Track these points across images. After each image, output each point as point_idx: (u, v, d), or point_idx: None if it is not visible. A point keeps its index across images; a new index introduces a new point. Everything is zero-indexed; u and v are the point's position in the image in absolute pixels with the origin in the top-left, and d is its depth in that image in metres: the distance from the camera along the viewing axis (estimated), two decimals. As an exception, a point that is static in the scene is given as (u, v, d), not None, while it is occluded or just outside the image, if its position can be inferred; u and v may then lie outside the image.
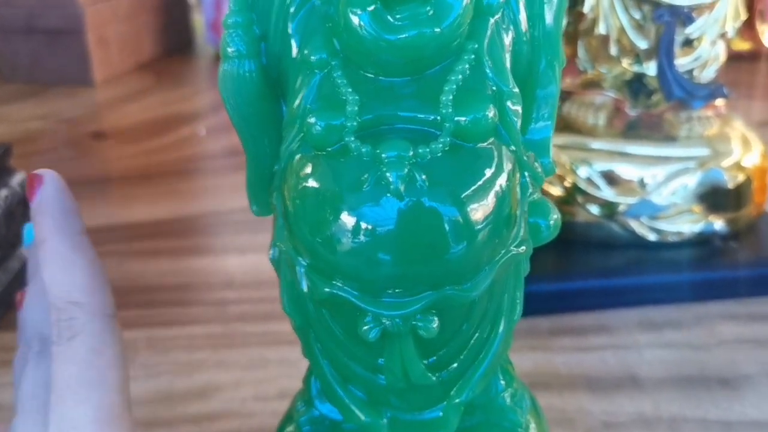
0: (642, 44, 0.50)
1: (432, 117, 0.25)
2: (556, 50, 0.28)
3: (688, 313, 0.48)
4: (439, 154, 0.24)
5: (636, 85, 0.53)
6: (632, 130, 0.52)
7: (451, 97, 0.24)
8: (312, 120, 0.25)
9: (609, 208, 0.50)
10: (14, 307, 0.50)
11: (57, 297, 0.26)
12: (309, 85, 0.26)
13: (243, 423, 0.40)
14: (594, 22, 0.50)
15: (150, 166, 0.75)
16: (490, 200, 0.24)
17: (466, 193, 0.24)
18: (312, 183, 0.25)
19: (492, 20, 0.26)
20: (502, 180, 0.25)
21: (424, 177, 0.23)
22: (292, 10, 0.27)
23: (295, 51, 0.27)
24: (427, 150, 0.24)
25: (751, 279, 0.50)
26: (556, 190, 0.51)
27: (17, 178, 0.56)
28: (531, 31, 0.28)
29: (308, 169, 0.25)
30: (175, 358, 0.45)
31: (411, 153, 0.24)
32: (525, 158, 0.27)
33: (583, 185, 0.50)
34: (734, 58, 0.57)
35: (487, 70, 0.26)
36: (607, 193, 0.50)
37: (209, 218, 0.64)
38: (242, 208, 0.66)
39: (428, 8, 0.24)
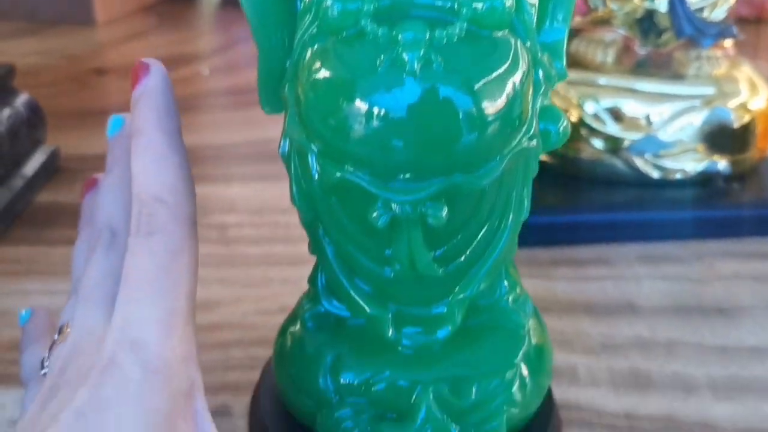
0: (654, -21, 0.49)
1: (449, 4, 0.24)
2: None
3: (688, 250, 0.48)
4: (456, 40, 0.24)
5: (646, 23, 0.52)
6: (641, 68, 0.52)
7: (469, -17, 0.24)
8: (328, 3, 0.25)
9: (613, 142, 0.50)
10: (17, 223, 0.50)
11: (144, 190, 0.25)
12: (325, -30, 0.26)
13: (244, 334, 0.40)
14: (607, -45, 0.50)
15: (152, 101, 0.75)
16: (504, 91, 0.24)
17: (481, 82, 0.24)
18: (326, 69, 0.25)
19: None
20: (516, 72, 0.25)
21: (440, 60, 0.23)
22: None
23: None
24: (444, 33, 0.24)
25: (752, 219, 0.50)
26: (562, 125, 0.51)
27: (21, 99, 0.56)
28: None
29: (323, 56, 0.25)
30: (178, 274, 0.45)
31: (427, 36, 0.24)
32: (540, 56, 0.27)
33: (589, 120, 0.50)
34: (739, 21, 0.56)
35: (506, -39, 0.25)
36: (613, 128, 0.50)
37: (212, 150, 0.64)
38: (246, 142, 0.66)
39: None
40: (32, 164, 0.55)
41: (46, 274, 0.46)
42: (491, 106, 0.24)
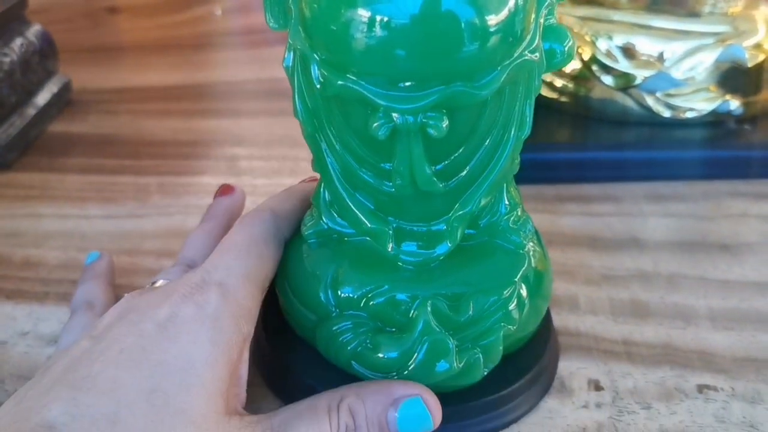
0: None
1: None
2: None
3: (696, 189, 0.48)
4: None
5: (663, -40, 0.51)
6: (656, 5, 0.51)
7: None
8: None
9: (625, 80, 0.49)
10: (31, 151, 0.51)
11: (261, 205, 0.31)
12: None
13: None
14: None
15: (164, 39, 0.75)
16: (506, 1, 0.24)
17: (482, -9, 0.24)
18: (329, -26, 0.24)
19: None
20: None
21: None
22: None
23: None
24: (448, -60, 0.23)
25: (762, 160, 0.49)
26: (575, 63, 0.51)
27: (33, 29, 0.56)
28: None
29: (326, -38, 0.25)
30: (187, 202, 0.46)
31: (431, -58, 0.23)
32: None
33: (601, 57, 0.50)
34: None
35: None
36: (625, 65, 0.49)
37: (222, 86, 0.64)
38: (256, 79, 0.66)
39: None
40: (44, 94, 0.56)
41: (59, 199, 0.46)
42: (493, 16, 0.24)
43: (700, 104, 0.50)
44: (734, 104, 0.51)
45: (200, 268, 0.28)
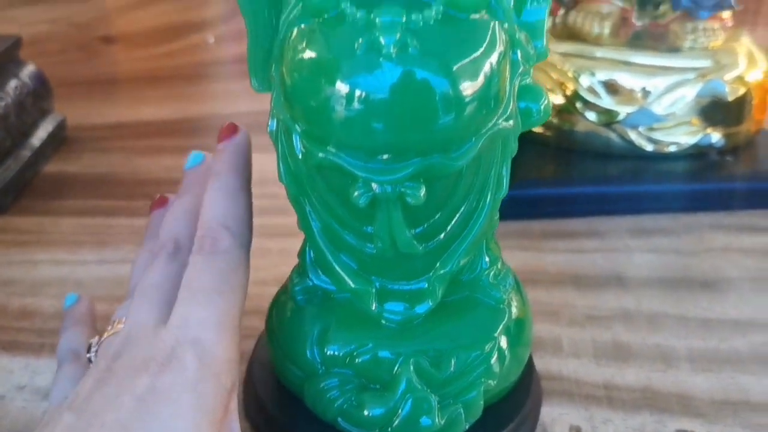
0: (652, -48, 0.49)
1: (427, -12, 0.25)
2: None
3: (679, 222, 0.49)
4: (432, 23, 0.25)
5: (644, -4, 0.52)
6: (637, 40, 0.52)
7: (446, -32, 0.25)
8: (309, -17, 0.25)
9: (608, 116, 0.50)
10: (25, 193, 0.52)
11: (212, 218, 0.29)
12: (309, -45, 0.26)
13: (241, 303, 0.41)
14: (605, -73, 0.50)
15: (158, 70, 0.76)
16: (480, 73, 0.25)
17: (458, 65, 0.25)
18: (309, 51, 0.25)
19: None
20: (493, 54, 0.25)
21: (415, 43, 0.24)
22: None
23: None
24: (420, 16, 0.24)
25: (744, 192, 0.50)
26: (558, 98, 0.52)
27: (27, 70, 0.57)
28: None
29: (306, 38, 0.26)
30: (178, 244, 0.47)
31: (404, 19, 0.24)
32: (516, 36, 0.27)
33: (584, 93, 0.51)
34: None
35: (484, -55, 0.26)
36: (608, 101, 0.50)
37: (215, 120, 0.65)
38: (248, 112, 0.67)
39: None
40: (39, 134, 0.57)
41: (54, 244, 0.47)
42: (467, 88, 0.25)
43: (682, 138, 0.51)
44: (716, 137, 0.52)
45: (172, 325, 0.26)
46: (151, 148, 0.60)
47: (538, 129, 0.54)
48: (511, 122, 0.27)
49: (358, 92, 0.25)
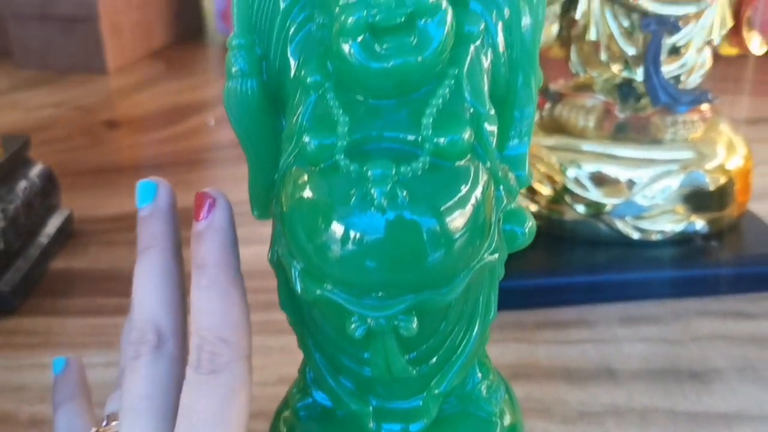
0: (630, 51, 0.52)
1: (414, 137, 0.27)
2: (533, 68, 0.30)
3: (666, 309, 0.51)
4: (420, 173, 0.27)
5: (625, 89, 0.55)
6: (621, 133, 0.54)
7: (431, 120, 0.27)
8: (307, 139, 0.27)
9: (596, 207, 0.53)
10: (33, 293, 0.53)
11: (208, 328, 0.27)
12: (305, 104, 0.29)
13: (244, 406, 0.42)
14: (585, 28, 0.53)
15: (160, 156, 0.78)
16: (465, 214, 0.27)
17: (444, 207, 0.27)
18: (306, 196, 0.27)
19: (472, 46, 0.29)
20: (477, 195, 0.27)
21: (404, 193, 0.26)
22: (291, 31, 0.30)
23: (293, 70, 0.30)
24: (409, 169, 0.26)
25: (730, 277, 0.52)
26: (546, 190, 0.54)
27: (36, 170, 0.60)
28: (509, 51, 0.30)
29: (303, 183, 0.28)
30: (183, 344, 0.48)
31: (394, 171, 0.26)
32: (500, 173, 0.29)
33: (571, 186, 0.53)
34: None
35: (466, 94, 0.28)
36: (594, 193, 0.52)
37: (216, 208, 0.67)
38: (246, 200, 0.69)
39: (412, 38, 0.27)
40: (47, 231, 0.58)
41: (62, 347, 0.49)
42: (454, 228, 0.27)
43: (667, 225, 0.53)
44: (700, 224, 0.54)
45: None
46: (155, 240, 0.61)
47: (528, 218, 0.56)
48: (496, 255, 0.29)
49: (352, 235, 0.27)
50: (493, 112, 0.29)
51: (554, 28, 0.52)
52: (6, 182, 0.55)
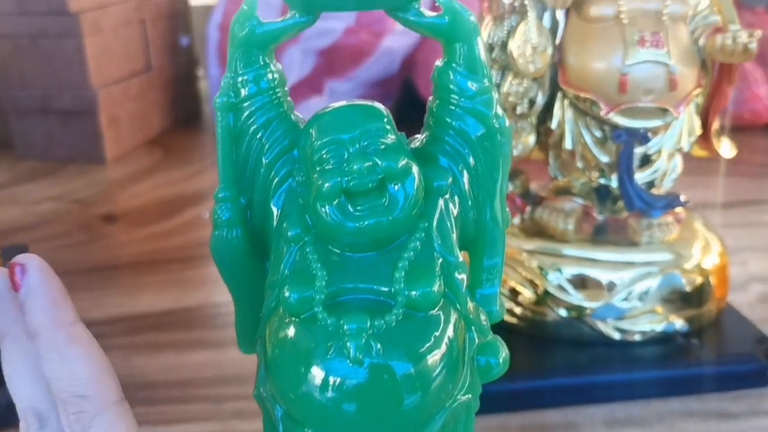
0: (604, 159, 0.54)
1: (387, 289, 0.29)
2: (502, 211, 0.32)
3: (651, 410, 0.52)
4: (393, 324, 0.28)
5: (602, 192, 0.57)
6: (599, 235, 0.56)
7: (403, 274, 0.29)
8: (287, 293, 0.29)
9: (577, 311, 0.54)
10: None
11: (62, 390, 0.27)
12: (286, 255, 0.30)
13: None
14: (561, 137, 0.55)
15: (156, 252, 0.80)
16: (438, 358, 0.29)
17: (417, 354, 0.28)
18: (287, 345, 0.29)
19: (441, 200, 0.31)
20: (449, 339, 0.29)
21: (379, 346, 0.28)
22: (274, 183, 0.32)
23: (275, 219, 0.32)
24: (383, 322, 0.28)
25: (712, 376, 0.53)
26: (528, 293, 0.56)
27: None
28: (475, 195, 0.32)
29: (285, 332, 0.29)
30: (176, 457, 0.49)
31: (368, 325, 0.28)
32: (471, 315, 0.31)
33: (552, 290, 0.55)
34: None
35: (436, 245, 0.30)
36: (576, 297, 0.54)
37: (211, 309, 0.68)
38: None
39: (384, 200, 0.29)
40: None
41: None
42: (426, 374, 0.28)
43: (647, 326, 0.55)
44: (680, 323, 0.55)
45: None
46: (149, 344, 0.63)
47: (510, 319, 0.57)
48: (468, 396, 0.30)
49: (330, 383, 0.28)
50: (462, 260, 0.30)
51: (531, 139, 0.55)
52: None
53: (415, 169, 0.29)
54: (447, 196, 0.31)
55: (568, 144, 0.55)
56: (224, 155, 0.32)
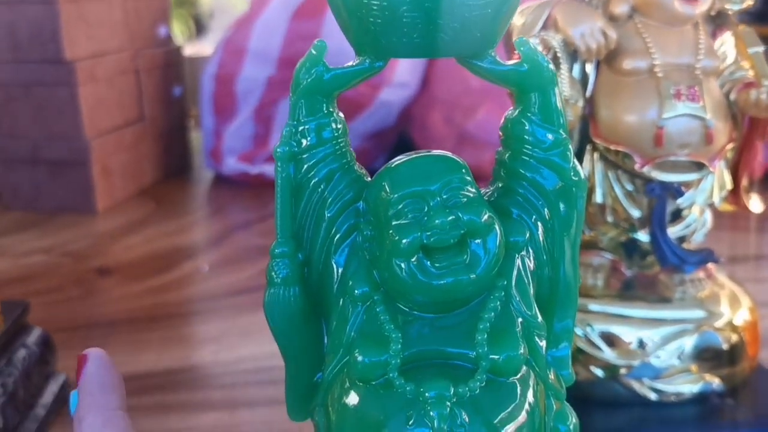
0: (635, 213, 0.53)
1: (468, 353, 0.27)
2: (574, 269, 0.30)
3: (692, 475, 0.49)
4: (477, 391, 0.26)
5: (630, 247, 0.56)
6: (628, 291, 0.55)
7: (485, 336, 0.27)
8: (359, 356, 0.27)
9: (611, 370, 0.52)
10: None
11: None
12: (353, 315, 0.28)
13: None
14: (591, 191, 0.54)
15: (154, 307, 0.77)
16: (522, 428, 0.27)
17: (503, 423, 0.26)
18: (356, 412, 0.27)
19: (518, 256, 0.29)
20: (530, 407, 0.27)
21: (465, 416, 0.26)
22: (336, 239, 0.30)
23: (336, 278, 0.30)
24: (467, 389, 0.26)
25: (748, 438, 0.52)
26: (560, 351, 0.54)
27: (34, 336, 0.58)
28: (550, 250, 0.30)
29: (353, 397, 0.27)
30: None
31: (451, 392, 0.26)
32: (549, 381, 0.29)
33: (583, 345, 0.53)
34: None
35: (515, 304, 0.28)
36: (609, 354, 0.52)
37: (218, 368, 0.65)
38: (251, 356, 0.67)
39: (465, 257, 0.27)
40: (44, 401, 0.56)
41: None
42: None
43: (683, 386, 0.53)
44: (716, 383, 0.53)
45: None
46: (153, 406, 0.59)
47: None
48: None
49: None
50: (540, 319, 0.29)
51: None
52: (6, 352, 0.54)
53: (497, 225, 0.27)
54: (523, 252, 0.29)
55: (598, 198, 0.54)
56: (283, 208, 0.30)
